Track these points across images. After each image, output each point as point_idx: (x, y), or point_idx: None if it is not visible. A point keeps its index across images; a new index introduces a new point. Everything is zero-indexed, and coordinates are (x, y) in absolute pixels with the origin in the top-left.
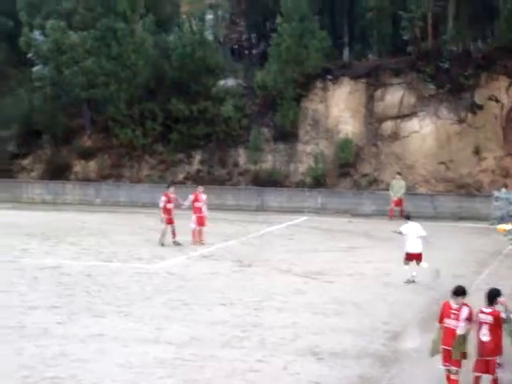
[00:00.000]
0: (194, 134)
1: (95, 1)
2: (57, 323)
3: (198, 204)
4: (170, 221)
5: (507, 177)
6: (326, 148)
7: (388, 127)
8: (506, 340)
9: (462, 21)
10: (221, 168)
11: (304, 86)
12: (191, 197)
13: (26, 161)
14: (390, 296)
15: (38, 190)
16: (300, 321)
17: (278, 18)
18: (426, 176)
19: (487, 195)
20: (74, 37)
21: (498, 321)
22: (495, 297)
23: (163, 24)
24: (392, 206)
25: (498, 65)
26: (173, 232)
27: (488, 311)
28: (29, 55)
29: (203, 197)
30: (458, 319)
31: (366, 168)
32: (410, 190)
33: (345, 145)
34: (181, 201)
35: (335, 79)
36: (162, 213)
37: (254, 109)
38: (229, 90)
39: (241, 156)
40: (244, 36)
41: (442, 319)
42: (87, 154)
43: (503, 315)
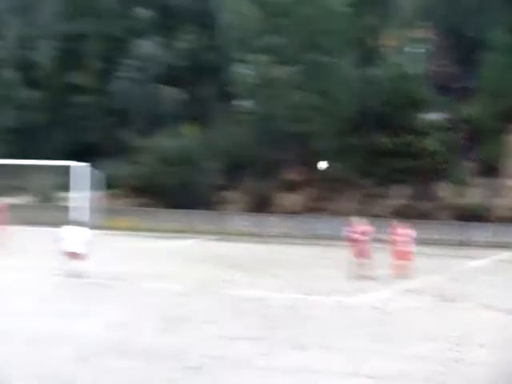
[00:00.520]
0: (397, 168)
1: (300, 36)
2: (259, 355)
3: (398, 238)
4: (366, 254)
5: None
6: None
7: None
8: None
9: None
10: (424, 202)
11: (509, 119)
12: (391, 230)
13: (231, 193)
14: None
15: (243, 222)
16: (504, 358)
17: (485, 51)
18: None
19: None
20: (280, 71)
21: None
22: None
23: (367, 57)
24: None
25: None
26: (367, 265)
27: None
28: (233, 89)
29: (406, 231)
30: None
31: None
32: None
33: None
34: (379, 234)
35: None
36: (357, 245)
37: (459, 142)
38: (433, 124)
39: (444, 190)
40: (449, 69)
41: None
42: (291, 187)
43: None
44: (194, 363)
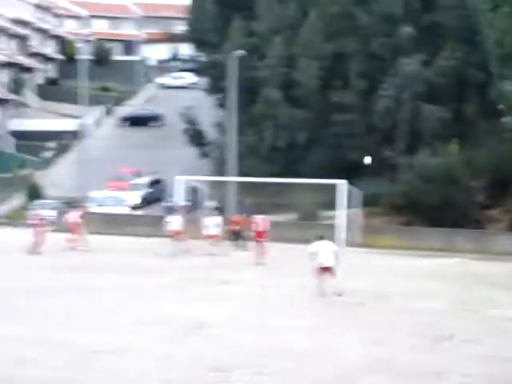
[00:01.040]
0: None
1: None
2: None
3: None
4: None
5: None
6: None
7: None
8: None
9: None
10: None
11: None
12: None
13: (494, 211)
14: None
15: (507, 241)
16: None
17: None
18: None
19: None
20: None
21: None
22: None
23: None
24: None
25: None
26: None
27: None
28: (499, 106)
29: None
30: None
31: None
32: None
33: None
34: None
35: None
36: None
37: None
38: None
39: None
40: None
41: None
42: None
43: None
44: (458, 383)
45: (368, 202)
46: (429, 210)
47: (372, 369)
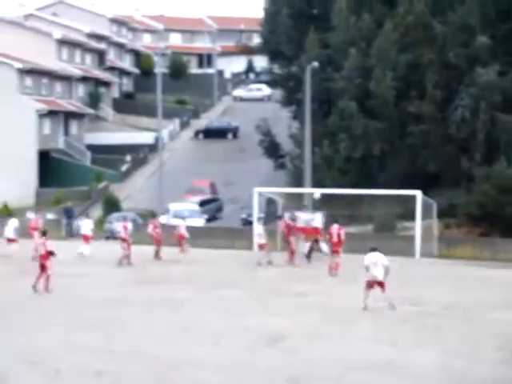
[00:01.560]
0: None
1: None
2: None
3: None
4: None
5: None
6: None
7: None
8: None
9: None
10: None
11: None
12: None
13: None
14: None
15: None
16: None
17: None
18: None
19: None
20: None
21: None
22: None
23: None
24: None
25: None
26: None
27: None
28: None
29: None
30: None
31: None
32: None
33: None
34: None
35: None
36: None
37: None
38: None
39: None
40: None
41: None
42: None
43: None
44: None
45: (444, 213)
46: (506, 221)
47: (451, 382)
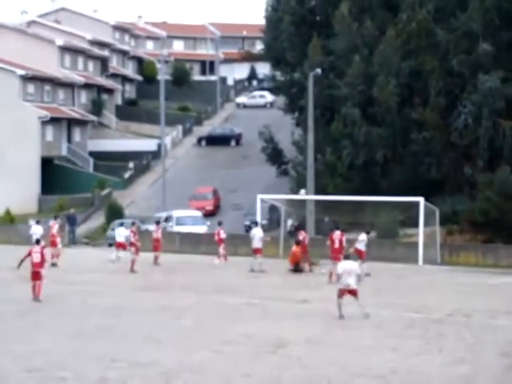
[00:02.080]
0: None
1: None
2: None
3: None
4: None
5: None
6: None
7: None
8: None
9: None
10: None
11: None
12: None
13: None
14: None
15: None
16: None
17: None
18: None
19: None
20: None
21: None
22: None
23: None
24: None
25: None
26: None
27: None
28: None
29: None
30: None
31: None
32: None
33: None
34: None
35: None
36: None
37: None
38: None
39: None
40: None
41: None
42: None
43: None
44: None
45: (447, 220)
46: (509, 228)
47: None
